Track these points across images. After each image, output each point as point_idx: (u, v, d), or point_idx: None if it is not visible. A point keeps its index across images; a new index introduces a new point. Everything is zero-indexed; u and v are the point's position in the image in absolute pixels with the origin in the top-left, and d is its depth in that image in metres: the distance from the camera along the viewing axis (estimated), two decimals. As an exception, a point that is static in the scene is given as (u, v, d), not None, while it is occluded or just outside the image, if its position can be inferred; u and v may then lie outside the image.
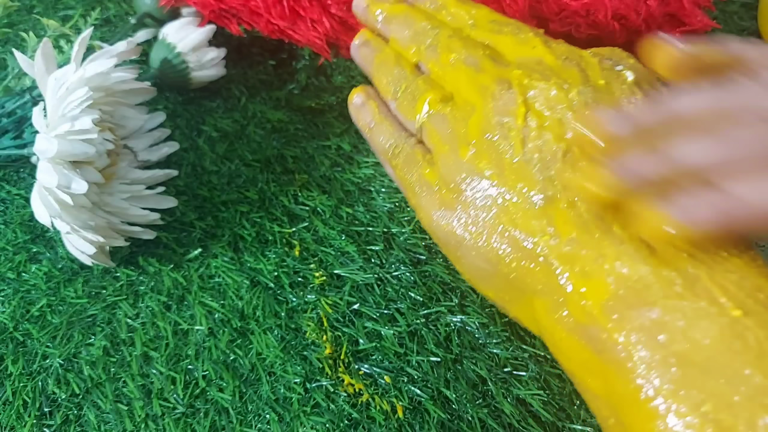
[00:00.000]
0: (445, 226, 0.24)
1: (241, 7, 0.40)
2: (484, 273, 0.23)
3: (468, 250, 0.23)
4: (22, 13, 0.48)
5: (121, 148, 0.35)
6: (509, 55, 0.26)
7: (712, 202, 0.19)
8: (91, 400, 0.29)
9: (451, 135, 0.24)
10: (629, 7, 0.35)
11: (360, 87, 0.30)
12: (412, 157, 0.26)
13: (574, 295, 0.20)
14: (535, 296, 0.22)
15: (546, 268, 0.21)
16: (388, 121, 0.28)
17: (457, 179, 0.24)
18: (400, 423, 0.27)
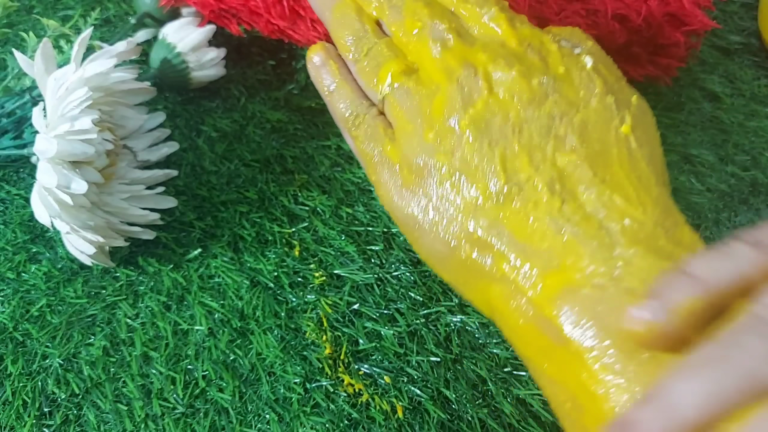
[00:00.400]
0: (404, 207, 0.24)
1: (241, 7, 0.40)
2: (440, 255, 0.23)
3: (425, 232, 0.23)
4: (21, 13, 0.48)
5: (121, 148, 0.35)
6: (474, 29, 0.25)
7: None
8: (90, 400, 0.29)
9: (414, 113, 0.24)
10: (629, 7, 0.35)
11: (319, 44, 0.28)
12: (374, 129, 0.25)
13: (531, 286, 0.20)
14: (492, 282, 0.22)
15: (503, 258, 0.21)
16: (349, 85, 0.27)
17: (419, 161, 0.23)
18: (400, 423, 0.27)
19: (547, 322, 0.20)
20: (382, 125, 0.25)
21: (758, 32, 0.44)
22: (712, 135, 0.39)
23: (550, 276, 0.20)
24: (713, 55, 0.43)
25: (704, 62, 0.42)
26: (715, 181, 0.37)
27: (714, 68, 0.42)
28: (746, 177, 0.37)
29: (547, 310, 0.19)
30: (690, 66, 0.41)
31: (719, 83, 0.41)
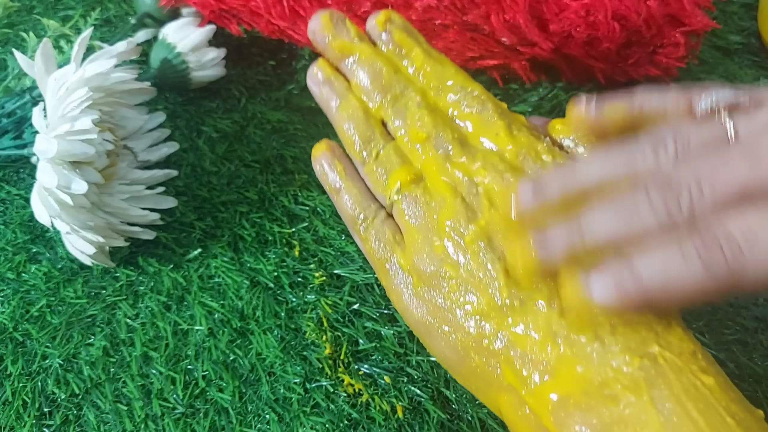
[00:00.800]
0: (416, 315, 0.24)
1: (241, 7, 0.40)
2: (451, 362, 0.24)
3: (437, 339, 0.24)
4: (22, 13, 0.48)
5: (121, 149, 0.35)
6: (475, 138, 0.26)
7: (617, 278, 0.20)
8: (90, 401, 0.29)
9: (422, 223, 0.25)
10: (629, 8, 0.35)
11: (324, 143, 0.29)
12: (383, 234, 0.26)
13: (535, 396, 0.21)
14: (500, 391, 0.22)
15: (509, 367, 0.22)
16: (356, 186, 0.27)
17: (428, 270, 0.24)
18: (400, 423, 0.27)
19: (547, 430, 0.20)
20: (391, 230, 0.26)
21: (758, 32, 0.44)
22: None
23: (549, 386, 0.20)
24: (713, 55, 0.43)
25: (704, 62, 0.42)
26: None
27: (714, 68, 0.42)
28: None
29: (546, 420, 0.20)
30: (690, 66, 0.41)
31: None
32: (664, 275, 0.19)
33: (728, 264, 0.19)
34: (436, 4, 0.36)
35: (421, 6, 0.37)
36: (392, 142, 0.27)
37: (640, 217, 0.20)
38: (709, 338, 0.30)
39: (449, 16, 0.37)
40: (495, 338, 0.22)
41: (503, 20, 0.36)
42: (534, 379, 0.21)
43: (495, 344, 0.22)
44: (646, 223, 0.20)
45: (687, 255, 0.19)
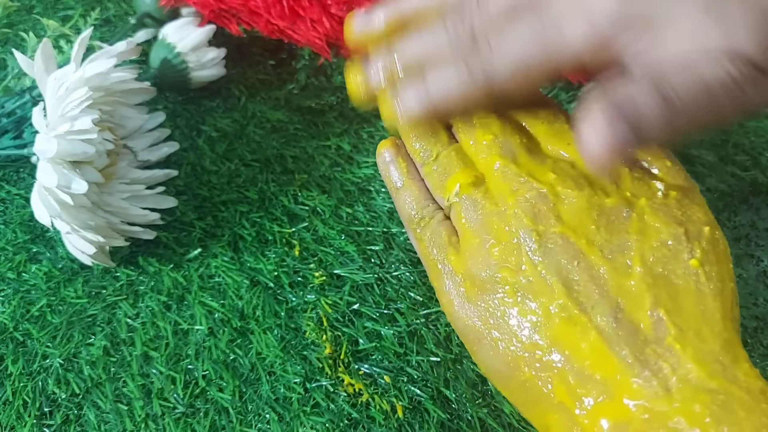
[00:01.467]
0: (466, 320, 0.23)
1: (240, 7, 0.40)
2: (500, 374, 0.23)
3: (487, 348, 0.23)
4: (21, 13, 0.48)
5: (121, 148, 0.35)
6: (544, 145, 0.26)
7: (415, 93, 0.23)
8: (91, 400, 0.29)
9: (481, 227, 0.24)
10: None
11: (389, 140, 0.28)
12: (438, 235, 0.25)
13: (589, 417, 0.20)
14: (550, 409, 0.21)
15: (562, 383, 0.21)
16: (416, 185, 0.27)
17: (483, 275, 0.23)
18: (400, 423, 0.27)
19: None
20: (447, 232, 0.25)
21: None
22: (712, 135, 0.39)
23: (604, 408, 0.20)
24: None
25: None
26: (715, 181, 0.37)
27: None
28: (746, 177, 0.37)
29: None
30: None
31: (719, 83, 0.41)
32: (445, 84, 0.24)
33: (482, 65, 0.23)
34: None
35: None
36: (456, 144, 0.27)
37: (436, 39, 0.24)
38: (708, 338, 0.30)
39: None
40: (549, 350, 0.21)
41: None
42: (589, 398, 0.20)
43: (548, 356, 0.21)
44: (440, 45, 0.24)
45: (459, 64, 0.23)
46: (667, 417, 0.19)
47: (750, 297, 0.32)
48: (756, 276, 0.33)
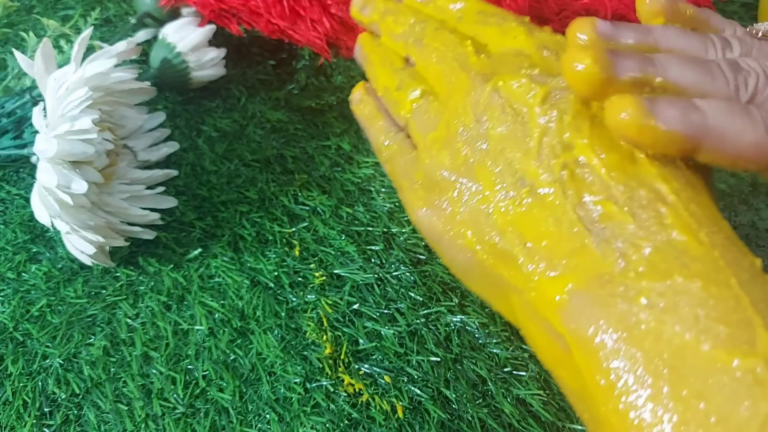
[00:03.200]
0: (426, 222, 0.25)
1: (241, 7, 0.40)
2: (463, 267, 0.24)
3: (448, 244, 0.24)
4: (22, 13, 0.48)
5: (121, 148, 0.35)
6: (492, 46, 0.26)
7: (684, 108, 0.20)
8: (91, 400, 0.29)
9: (431, 130, 0.25)
10: (629, 7, 0.35)
11: (360, 83, 0.31)
12: (400, 152, 0.27)
13: (539, 293, 0.20)
14: (510, 291, 0.22)
15: (516, 265, 0.21)
16: (382, 116, 0.29)
17: (436, 177, 0.24)
18: (400, 423, 0.27)
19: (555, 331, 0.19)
20: (407, 147, 0.27)
21: (758, 32, 0.44)
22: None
23: (558, 281, 0.19)
24: (713, 55, 0.43)
25: (704, 62, 0.42)
26: (715, 181, 0.37)
27: (714, 68, 0.42)
28: (746, 177, 0.37)
29: (554, 317, 0.19)
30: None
31: (719, 83, 0.41)
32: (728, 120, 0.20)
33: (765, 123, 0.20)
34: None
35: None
36: (409, 68, 0.28)
37: (714, 78, 0.21)
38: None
39: (449, 16, 0.37)
40: (504, 234, 0.21)
41: (503, 20, 0.36)
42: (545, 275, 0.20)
43: (503, 241, 0.21)
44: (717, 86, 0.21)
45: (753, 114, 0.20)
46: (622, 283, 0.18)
47: None
48: (756, 276, 0.33)
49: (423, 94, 0.26)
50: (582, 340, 0.18)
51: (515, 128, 0.22)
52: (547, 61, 0.24)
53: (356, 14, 0.33)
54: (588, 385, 0.18)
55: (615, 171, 0.20)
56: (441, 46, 0.27)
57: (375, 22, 0.31)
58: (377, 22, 0.31)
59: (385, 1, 0.31)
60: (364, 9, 0.32)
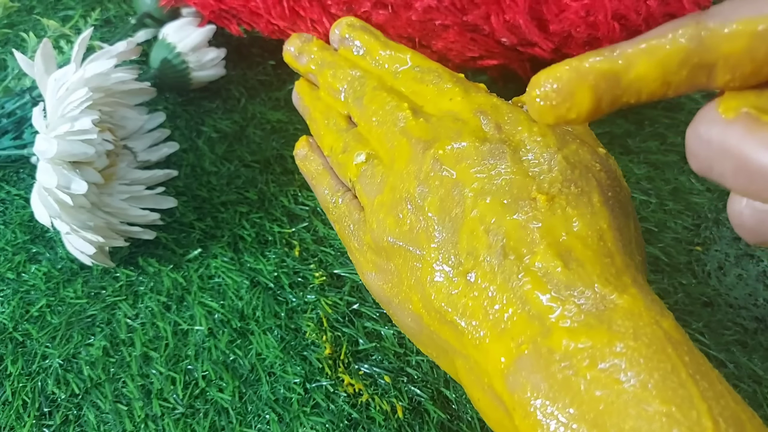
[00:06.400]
0: (376, 286, 0.25)
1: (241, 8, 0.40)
2: (412, 330, 0.24)
3: (396, 309, 0.24)
4: (22, 13, 0.48)
5: (121, 149, 0.35)
6: (430, 108, 0.26)
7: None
8: (90, 401, 0.29)
9: (378, 196, 0.25)
10: (629, 8, 0.35)
11: (303, 138, 0.31)
12: (348, 214, 0.27)
13: (482, 360, 0.20)
14: (454, 355, 0.22)
15: (459, 333, 0.21)
16: (329, 174, 0.29)
17: (384, 242, 0.24)
18: (400, 423, 0.27)
19: (496, 395, 0.20)
20: (355, 209, 0.27)
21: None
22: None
23: (497, 348, 0.19)
24: (713, 56, 0.43)
25: (704, 62, 0.42)
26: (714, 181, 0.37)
27: (714, 68, 0.42)
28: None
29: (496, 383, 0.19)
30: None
31: (719, 83, 0.41)
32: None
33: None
34: (436, 5, 0.36)
35: (421, 6, 0.37)
36: (353, 130, 0.28)
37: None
38: (708, 339, 0.30)
39: (449, 17, 0.37)
40: (449, 303, 0.21)
41: (503, 20, 0.36)
42: (485, 341, 0.20)
43: (448, 309, 0.21)
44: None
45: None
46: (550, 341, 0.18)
47: (750, 297, 0.32)
48: (756, 276, 0.33)
49: (368, 158, 0.26)
50: (520, 404, 0.18)
51: (456, 198, 0.22)
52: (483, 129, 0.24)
53: (291, 61, 0.33)
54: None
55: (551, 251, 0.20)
56: (380, 109, 0.27)
57: (312, 72, 0.31)
58: (315, 74, 0.31)
59: (322, 50, 0.31)
60: (299, 57, 0.32)
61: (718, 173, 0.16)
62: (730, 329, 0.31)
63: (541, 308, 0.19)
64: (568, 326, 0.18)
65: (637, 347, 0.17)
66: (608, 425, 0.16)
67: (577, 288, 0.19)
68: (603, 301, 0.18)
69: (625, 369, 0.17)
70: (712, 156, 0.16)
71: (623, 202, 0.23)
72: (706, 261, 0.33)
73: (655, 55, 0.17)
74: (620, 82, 0.17)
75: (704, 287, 0.32)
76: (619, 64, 0.17)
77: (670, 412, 0.16)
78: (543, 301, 0.19)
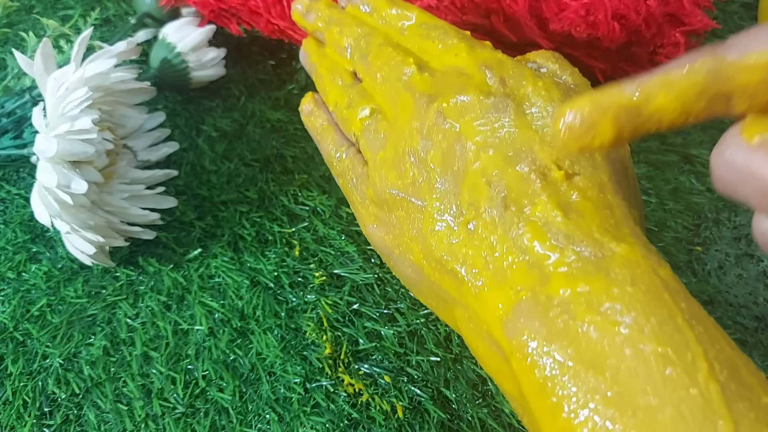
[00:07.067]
0: (377, 237, 0.26)
1: (240, 7, 0.40)
2: (412, 281, 0.24)
3: (398, 259, 0.25)
4: (21, 13, 0.48)
5: (121, 148, 0.35)
6: (435, 63, 0.26)
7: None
8: (91, 400, 0.29)
9: (379, 149, 0.25)
10: (629, 7, 0.35)
11: (309, 94, 0.31)
12: (352, 168, 0.27)
13: (481, 308, 0.20)
14: (455, 306, 0.22)
15: (459, 281, 0.21)
16: (333, 129, 0.29)
17: (386, 195, 0.24)
18: (400, 423, 0.27)
19: (495, 342, 0.20)
20: (359, 163, 0.27)
21: (758, 32, 0.44)
22: (712, 135, 0.39)
23: (496, 295, 0.20)
24: (713, 55, 0.43)
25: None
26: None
27: (714, 68, 0.42)
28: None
29: (495, 330, 0.19)
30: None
31: (719, 83, 0.41)
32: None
33: None
34: (436, 4, 0.36)
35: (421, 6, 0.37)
36: (357, 85, 0.28)
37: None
38: (708, 338, 0.30)
39: (449, 16, 0.37)
40: (449, 251, 0.22)
41: (503, 20, 0.36)
42: (484, 290, 0.20)
43: (449, 257, 0.22)
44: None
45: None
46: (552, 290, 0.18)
47: (750, 297, 0.32)
48: (756, 276, 0.33)
49: (372, 113, 0.27)
50: (518, 348, 0.18)
51: (459, 150, 0.23)
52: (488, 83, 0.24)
53: (299, 19, 0.32)
54: (523, 389, 0.18)
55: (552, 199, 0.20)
56: (385, 65, 0.27)
57: (319, 30, 0.31)
58: (322, 31, 0.31)
59: (329, 7, 0.31)
60: (307, 15, 0.32)
61: (743, 196, 0.17)
62: (730, 328, 0.31)
63: (540, 257, 0.19)
64: (566, 272, 0.18)
65: (634, 293, 0.17)
66: (604, 366, 0.17)
67: (577, 237, 0.19)
68: (601, 250, 0.19)
69: (622, 313, 0.17)
70: (737, 180, 0.16)
71: (623, 158, 0.23)
72: (706, 260, 0.33)
73: (674, 87, 0.17)
74: (640, 114, 0.18)
75: (704, 286, 0.32)
76: (639, 97, 0.17)
77: (666, 353, 0.16)
78: (542, 250, 0.19)
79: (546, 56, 0.26)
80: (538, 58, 0.26)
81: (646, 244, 0.20)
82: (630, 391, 0.16)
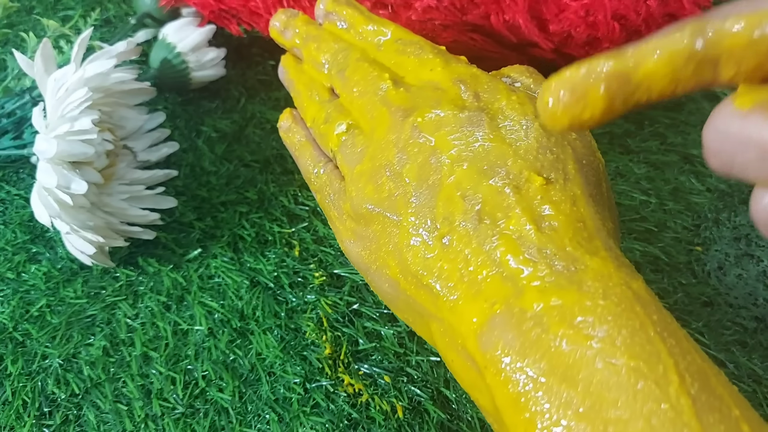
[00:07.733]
0: (354, 252, 0.25)
1: (240, 8, 0.40)
2: (390, 296, 0.24)
3: (375, 274, 0.24)
4: (21, 13, 0.48)
5: (121, 149, 0.35)
6: (410, 78, 0.27)
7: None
8: (90, 400, 0.29)
9: (358, 165, 0.25)
10: (629, 8, 0.35)
11: (287, 110, 0.32)
12: (329, 183, 0.27)
13: (456, 322, 0.20)
14: (430, 319, 0.22)
15: (433, 294, 0.21)
16: (311, 145, 0.29)
17: (362, 209, 0.24)
18: (400, 423, 0.27)
19: (469, 355, 0.20)
20: (338, 179, 0.27)
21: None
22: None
23: (471, 309, 0.20)
24: (713, 56, 0.43)
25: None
26: (715, 181, 0.37)
27: (714, 68, 0.42)
28: (746, 177, 0.37)
29: (469, 343, 0.20)
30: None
31: (719, 83, 0.41)
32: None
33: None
34: (436, 5, 0.36)
35: (421, 6, 0.37)
36: (335, 101, 0.28)
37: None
38: (708, 339, 0.30)
39: (449, 17, 0.37)
40: (424, 267, 0.22)
41: (503, 20, 0.36)
42: (458, 303, 0.20)
43: (424, 273, 0.22)
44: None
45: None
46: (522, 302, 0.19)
47: (750, 297, 0.32)
48: (756, 276, 0.33)
49: (349, 128, 0.27)
50: (492, 361, 0.19)
51: (435, 165, 0.23)
52: (463, 98, 0.24)
53: (276, 36, 0.32)
54: (497, 404, 0.18)
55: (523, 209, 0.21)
56: (361, 80, 0.27)
57: (297, 46, 0.31)
58: (299, 47, 0.31)
59: (307, 24, 0.31)
60: (285, 32, 0.32)
61: (741, 166, 0.16)
62: (730, 329, 0.31)
63: (514, 270, 0.19)
64: (539, 286, 0.19)
65: (606, 306, 0.18)
66: (577, 378, 0.17)
67: (550, 251, 0.19)
68: (574, 263, 0.19)
69: (594, 326, 0.17)
70: (733, 149, 0.16)
71: (597, 170, 0.23)
72: (705, 261, 0.33)
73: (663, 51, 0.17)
74: (630, 80, 0.17)
75: (704, 287, 0.32)
76: (628, 63, 0.17)
77: (637, 366, 0.16)
78: (515, 264, 0.19)
79: (520, 71, 0.27)
80: (513, 72, 0.27)
81: (619, 256, 0.20)
82: (602, 404, 0.16)
